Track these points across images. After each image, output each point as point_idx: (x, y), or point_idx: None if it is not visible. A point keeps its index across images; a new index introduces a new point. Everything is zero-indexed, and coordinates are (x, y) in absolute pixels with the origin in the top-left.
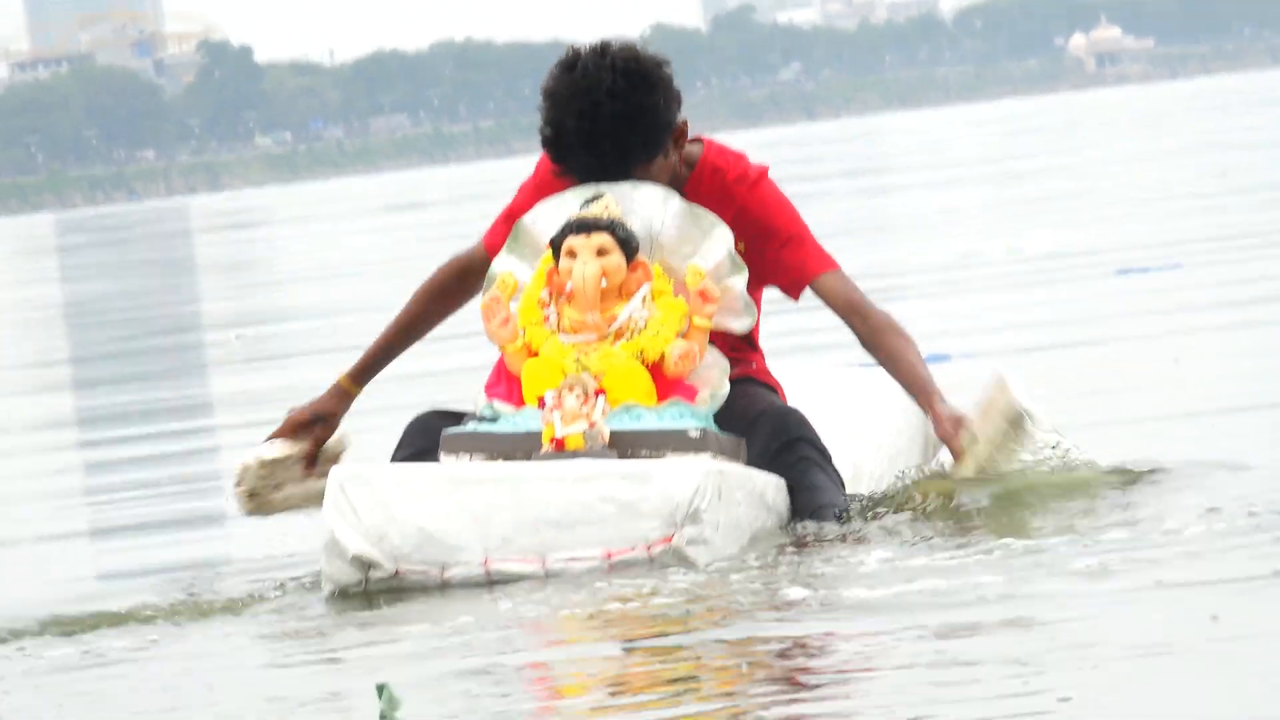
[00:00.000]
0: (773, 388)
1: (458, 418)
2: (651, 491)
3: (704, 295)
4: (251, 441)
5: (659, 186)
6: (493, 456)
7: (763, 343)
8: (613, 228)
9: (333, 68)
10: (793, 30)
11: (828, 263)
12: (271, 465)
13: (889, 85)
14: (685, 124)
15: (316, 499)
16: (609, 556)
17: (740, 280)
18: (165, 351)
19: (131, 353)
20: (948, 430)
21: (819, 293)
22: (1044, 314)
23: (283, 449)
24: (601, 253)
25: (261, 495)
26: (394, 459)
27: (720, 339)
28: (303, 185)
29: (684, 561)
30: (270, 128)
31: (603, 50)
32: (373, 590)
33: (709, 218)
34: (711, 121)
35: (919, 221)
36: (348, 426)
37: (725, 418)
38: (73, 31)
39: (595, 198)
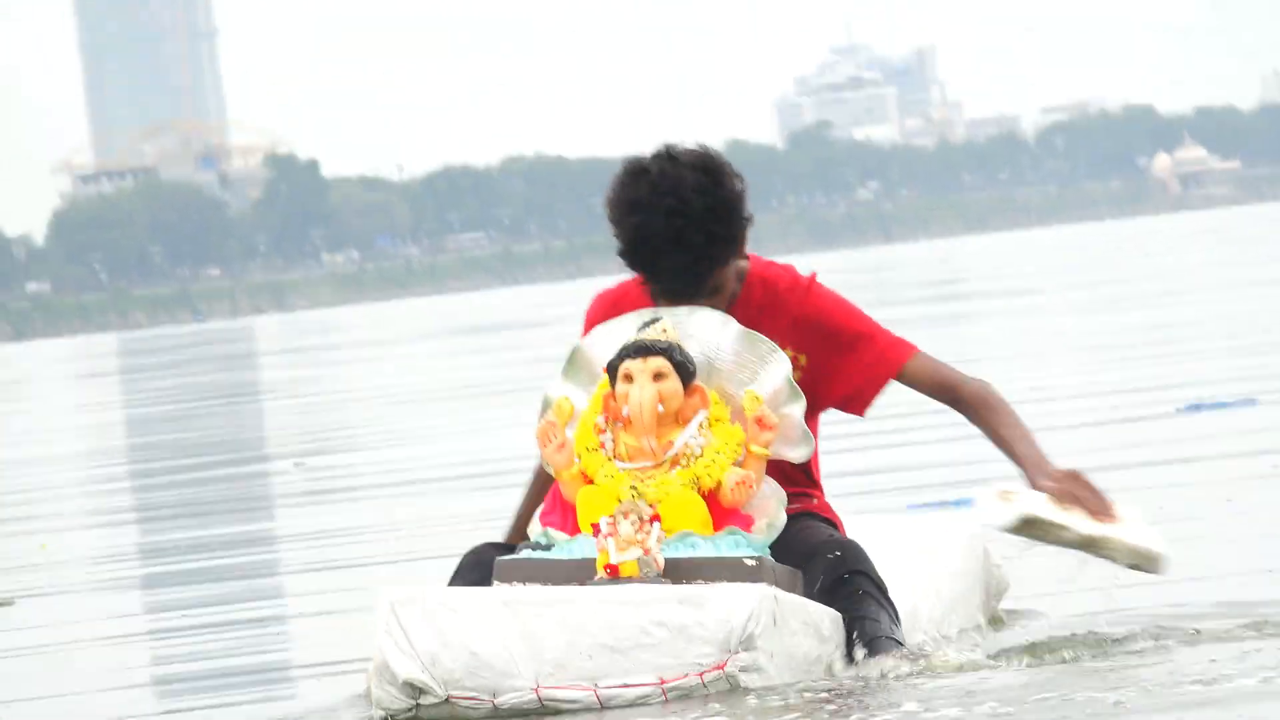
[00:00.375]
0: (833, 522)
1: (511, 549)
2: (706, 616)
3: (761, 422)
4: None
5: (716, 311)
6: (547, 584)
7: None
8: (670, 352)
9: (401, 183)
10: (870, 148)
11: (907, 348)
12: None
13: (968, 206)
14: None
15: None
16: (662, 684)
17: (798, 408)
18: (222, 482)
19: (188, 484)
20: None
21: (907, 381)
22: (1104, 456)
23: None
24: (659, 377)
25: None
26: None
27: (780, 473)
28: (371, 305)
29: (736, 690)
30: (338, 245)
31: (670, 153)
32: (423, 717)
33: (766, 344)
34: (786, 242)
35: (992, 354)
36: None
37: (784, 550)
38: (137, 143)
39: (653, 321)
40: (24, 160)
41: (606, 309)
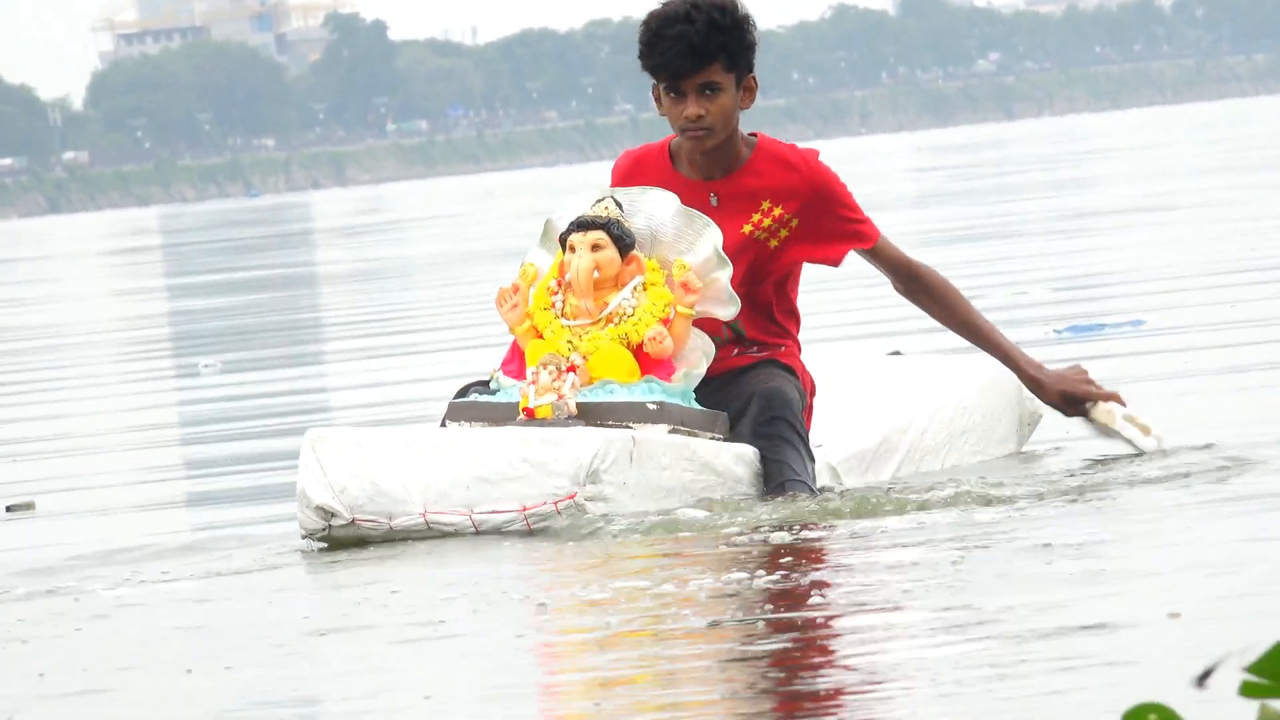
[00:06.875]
0: (793, 369)
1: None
2: (562, 454)
3: (686, 286)
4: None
5: (664, 191)
6: (486, 423)
7: None
8: (608, 226)
9: (475, 48)
10: (991, 15)
11: (878, 231)
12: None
13: (1097, 80)
14: (755, 80)
15: None
16: (524, 510)
17: (725, 274)
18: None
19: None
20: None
21: (878, 255)
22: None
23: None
24: (596, 248)
25: None
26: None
27: (759, 327)
28: (439, 181)
29: (583, 515)
30: (404, 115)
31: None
32: (335, 535)
33: (702, 219)
34: (897, 117)
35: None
36: None
37: (729, 395)
38: (186, 0)
39: (600, 199)
40: (60, 16)
41: (629, 168)
